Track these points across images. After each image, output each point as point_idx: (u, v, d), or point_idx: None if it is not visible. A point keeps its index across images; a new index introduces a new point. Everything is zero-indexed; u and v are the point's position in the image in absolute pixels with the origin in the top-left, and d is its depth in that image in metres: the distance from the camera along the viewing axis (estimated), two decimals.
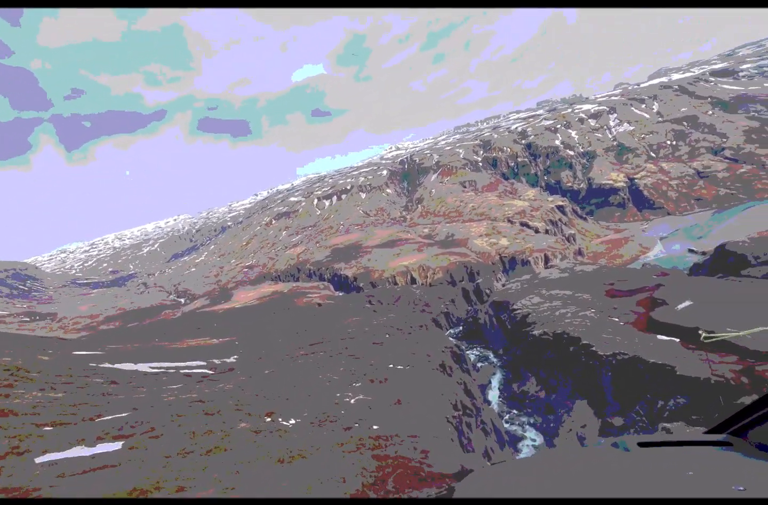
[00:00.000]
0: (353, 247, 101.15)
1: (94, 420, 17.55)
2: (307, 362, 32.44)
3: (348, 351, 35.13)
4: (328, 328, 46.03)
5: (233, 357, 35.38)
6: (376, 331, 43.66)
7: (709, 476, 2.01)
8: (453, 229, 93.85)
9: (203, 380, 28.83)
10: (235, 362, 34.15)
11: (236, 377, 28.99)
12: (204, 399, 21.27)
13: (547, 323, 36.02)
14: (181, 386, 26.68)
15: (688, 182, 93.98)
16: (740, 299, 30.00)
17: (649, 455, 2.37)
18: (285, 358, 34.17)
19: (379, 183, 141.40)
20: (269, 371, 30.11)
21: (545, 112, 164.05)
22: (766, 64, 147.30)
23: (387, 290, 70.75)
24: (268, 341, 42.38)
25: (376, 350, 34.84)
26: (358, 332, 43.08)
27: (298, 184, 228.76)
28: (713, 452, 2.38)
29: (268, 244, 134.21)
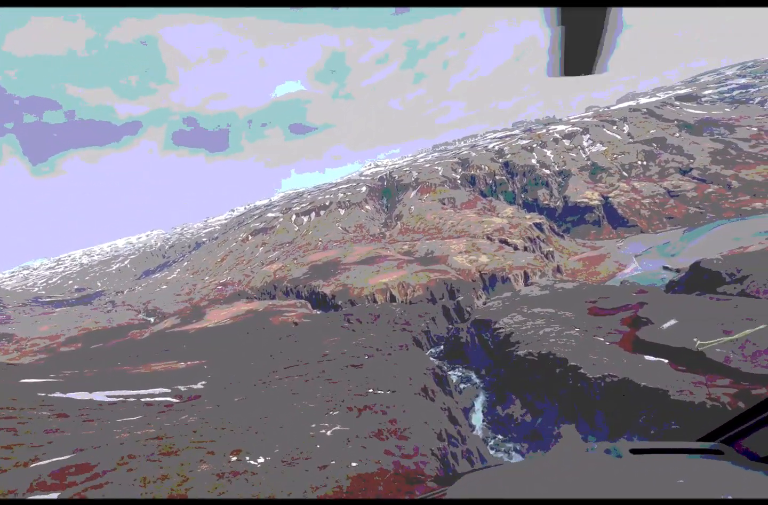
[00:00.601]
0: (332, 264, 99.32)
1: (29, 465, 15.26)
2: (281, 387, 30.34)
3: (325, 375, 33.18)
4: (304, 349, 43.89)
5: (201, 383, 32.91)
6: (354, 352, 41.78)
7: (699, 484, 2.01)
8: (432, 246, 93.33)
9: (165, 410, 26.40)
10: (202, 389, 31.72)
11: (202, 406, 26.69)
12: (162, 435, 19.09)
13: (531, 342, 35.00)
14: (139, 417, 24.27)
15: (659, 201, 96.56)
16: (722, 317, 29.78)
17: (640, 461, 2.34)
18: (257, 383, 31.94)
19: (358, 199, 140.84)
20: (239, 399, 27.91)
21: (521, 132, 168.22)
22: (725, 91, 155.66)
23: (366, 307, 68.99)
24: (239, 364, 39.95)
25: (355, 373, 33.01)
26: (336, 353, 41.12)
27: (276, 199, 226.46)
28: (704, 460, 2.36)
29: (243, 260, 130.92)
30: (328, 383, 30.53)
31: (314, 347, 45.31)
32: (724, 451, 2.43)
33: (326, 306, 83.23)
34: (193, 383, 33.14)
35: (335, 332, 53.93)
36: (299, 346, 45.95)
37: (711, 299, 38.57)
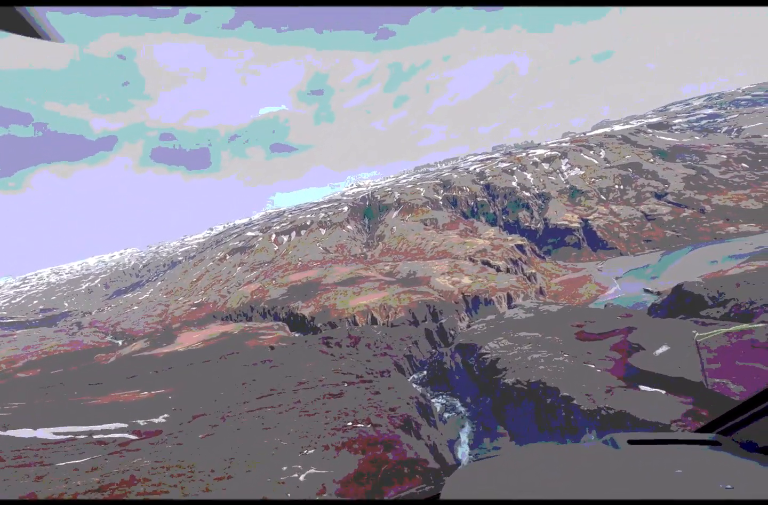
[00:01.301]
0: (311, 284, 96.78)
1: None
2: (252, 421, 27.77)
3: (301, 405, 30.74)
4: (279, 376, 41.19)
5: (163, 416, 29.98)
6: (333, 379, 39.38)
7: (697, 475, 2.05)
8: (415, 267, 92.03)
9: (119, 449, 23.55)
10: (164, 423, 28.83)
11: (162, 445, 23.93)
12: (106, 484, 16.52)
13: (519, 369, 33.39)
14: (86, 460, 21.43)
15: (637, 224, 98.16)
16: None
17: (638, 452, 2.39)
18: (226, 416, 29.25)
19: (340, 219, 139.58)
20: (204, 435, 25.24)
21: (501, 155, 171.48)
22: (694, 120, 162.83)
23: (346, 330, 66.49)
24: (209, 393, 37.01)
25: (333, 404, 30.67)
26: (314, 380, 38.64)
27: (256, 218, 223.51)
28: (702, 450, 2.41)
29: (220, 280, 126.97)
30: (303, 416, 28.14)
31: (291, 373, 42.66)
32: (721, 442, 2.44)
33: (305, 328, 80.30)
34: (155, 415, 30.18)
35: (313, 357, 51.30)
36: (275, 372, 43.21)
37: (698, 323, 37.95)
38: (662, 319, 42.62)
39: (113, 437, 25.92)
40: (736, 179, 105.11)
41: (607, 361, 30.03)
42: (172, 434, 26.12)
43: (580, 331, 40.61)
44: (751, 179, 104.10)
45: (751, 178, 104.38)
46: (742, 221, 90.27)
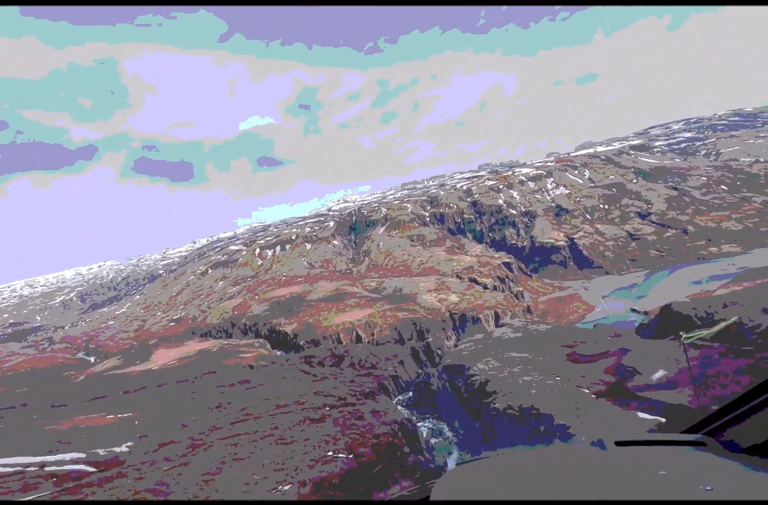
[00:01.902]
0: (295, 300, 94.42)
1: None
2: (223, 450, 25.55)
3: (278, 432, 28.59)
4: (256, 398, 38.82)
5: (126, 444, 27.48)
6: (314, 401, 37.23)
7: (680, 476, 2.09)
8: (401, 284, 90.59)
9: (71, 485, 21.15)
10: (126, 452, 26.37)
11: (120, 480, 21.59)
12: None
13: (510, 393, 31.85)
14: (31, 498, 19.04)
15: (621, 244, 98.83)
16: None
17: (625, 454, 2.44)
18: (195, 444, 26.94)
19: (326, 234, 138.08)
20: (169, 468, 22.96)
21: (487, 173, 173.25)
22: (674, 143, 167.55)
23: (330, 348, 64.24)
24: (179, 417, 34.46)
25: (313, 431, 28.62)
26: (293, 403, 36.43)
27: (241, 232, 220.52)
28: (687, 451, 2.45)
29: (201, 295, 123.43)
30: (280, 445, 26.04)
31: (269, 394, 40.32)
32: (707, 442, 2.46)
33: (287, 346, 77.68)
34: (118, 443, 27.66)
35: (294, 377, 48.98)
36: (252, 394, 40.81)
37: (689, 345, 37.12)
38: (654, 340, 41.68)
39: (67, 470, 23.44)
40: (717, 201, 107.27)
41: (602, 385, 28.75)
42: (133, 465, 23.75)
43: (571, 352, 39.44)
44: (731, 201, 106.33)
45: (731, 200, 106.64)
46: (724, 242, 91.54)
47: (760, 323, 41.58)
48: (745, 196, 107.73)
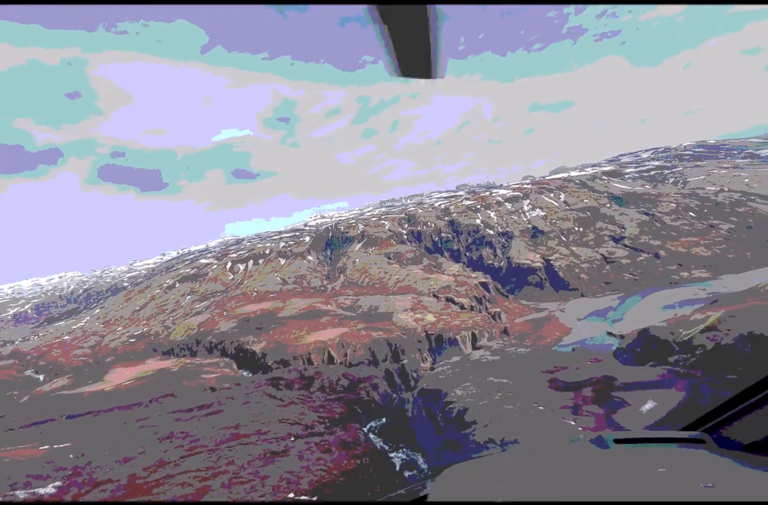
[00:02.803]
0: (265, 317, 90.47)
1: None
2: (168, 491, 22.24)
3: (234, 469, 25.42)
4: (214, 427, 35.28)
5: (53, 485, 23.73)
6: (278, 431, 34.02)
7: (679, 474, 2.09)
8: (377, 302, 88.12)
9: None
10: (52, 495, 22.66)
11: None
12: None
13: (490, 424, 29.69)
14: None
15: (596, 266, 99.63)
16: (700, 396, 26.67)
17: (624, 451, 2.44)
18: (136, 484, 23.49)
19: (301, 250, 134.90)
20: None
21: (465, 193, 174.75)
22: (644, 170, 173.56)
23: (299, 370, 60.77)
24: (124, 449, 30.66)
25: (274, 467, 25.58)
26: (255, 433, 33.14)
27: (213, 245, 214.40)
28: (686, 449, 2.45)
29: (166, 310, 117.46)
30: (236, 485, 22.92)
31: (229, 422, 36.80)
32: (705, 440, 2.48)
33: (254, 366, 73.51)
34: (44, 483, 23.87)
35: (258, 402, 45.42)
36: (210, 422, 37.20)
37: (672, 372, 36.06)
38: (637, 367, 40.49)
39: None
40: (686, 227, 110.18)
41: (588, 417, 26.95)
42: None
43: (553, 378, 37.74)
44: (699, 228, 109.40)
45: (699, 227, 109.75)
46: (694, 267, 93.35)
47: (741, 349, 41.12)
48: (712, 223, 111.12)
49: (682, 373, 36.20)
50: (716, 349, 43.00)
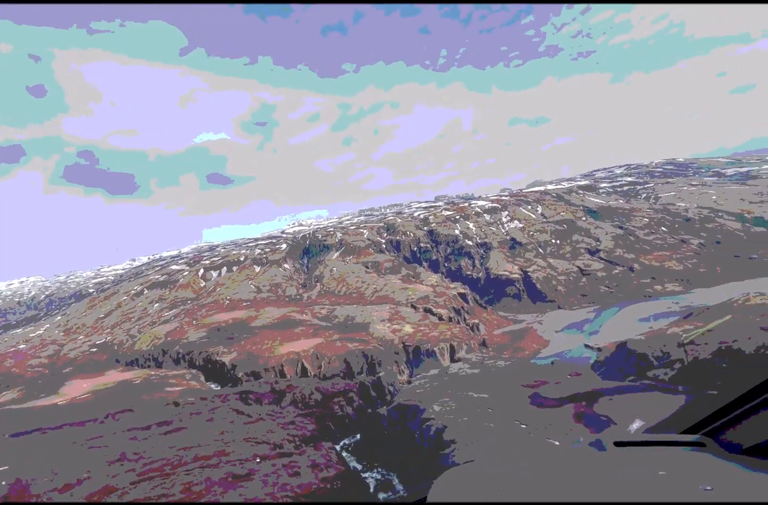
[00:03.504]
0: (237, 327, 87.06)
1: None
2: None
3: (190, 497, 22.90)
4: (173, 447, 32.44)
5: None
6: (243, 451, 31.49)
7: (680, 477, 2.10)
8: (353, 312, 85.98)
9: None
10: None
11: None
12: None
13: (471, 443, 28.03)
14: None
15: (573, 278, 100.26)
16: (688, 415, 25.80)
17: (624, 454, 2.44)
18: None
19: (277, 257, 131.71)
20: None
21: (444, 204, 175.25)
22: (617, 185, 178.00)
23: (270, 383, 57.93)
24: (68, 472, 27.61)
25: (237, 494, 23.20)
26: (217, 453, 30.53)
27: (186, 252, 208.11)
28: (686, 452, 2.44)
29: (132, 318, 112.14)
30: None
31: (191, 441, 33.97)
32: (706, 443, 2.46)
33: (223, 379, 70.07)
34: None
35: (224, 418, 42.56)
36: (169, 441, 34.29)
37: (648, 388, 35.38)
38: (620, 383, 39.68)
39: None
40: (659, 241, 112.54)
41: (574, 437, 25.63)
42: None
43: (534, 393, 36.49)
44: (671, 242, 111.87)
45: (671, 242, 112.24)
46: (667, 281, 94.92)
47: (720, 364, 40.91)
48: (683, 238, 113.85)
49: (663, 388, 35.53)
50: (694, 363, 42.77)
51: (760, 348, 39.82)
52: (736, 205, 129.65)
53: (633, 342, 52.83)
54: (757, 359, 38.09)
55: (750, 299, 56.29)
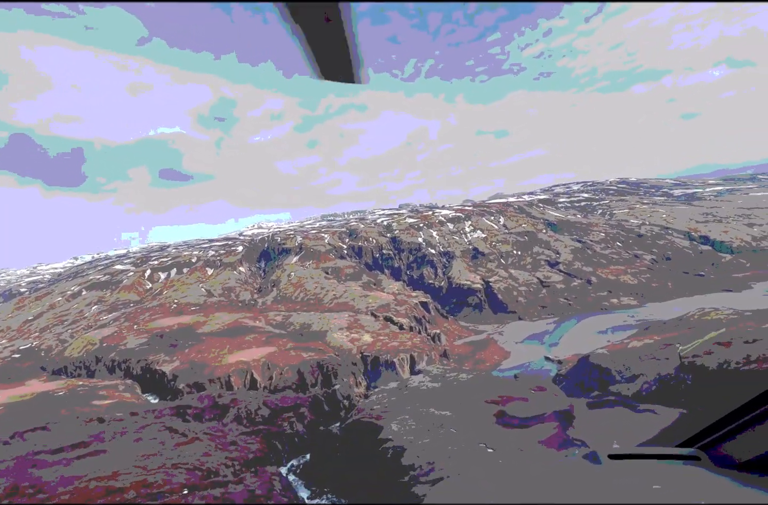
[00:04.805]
0: (183, 333, 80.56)
1: None
2: None
3: None
4: (84, 475, 27.35)
5: None
6: (169, 480, 26.94)
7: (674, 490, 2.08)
8: (310, 319, 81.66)
9: None
10: None
11: None
12: None
13: (432, 471, 24.95)
14: None
15: (533, 290, 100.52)
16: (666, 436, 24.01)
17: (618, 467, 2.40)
18: None
19: (232, 260, 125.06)
20: None
21: (408, 212, 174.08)
22: (575, 201, 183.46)
23: (214, 396, 52.71)
24: None
25: None
26: (136, 484, 25.85)
27: (135, 251, 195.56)
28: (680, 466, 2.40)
29: (65, 321, 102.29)
30: None
31: (108, 467, 28.94)
32: (700, 457, 2.44)
33: (162, 390, 63.81)
34: None
35: (155, 438, 37.41)
36: (81, 467, 29.10)
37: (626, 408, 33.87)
38: (588, 400, 38.01)
39: None
40: (614, 256, 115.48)
41: (550, 466, 23.21)
42: None
43: (499, 410, 34.05)
44: (625, 257, 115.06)
45: (626, 256, 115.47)
46: (623, 294, 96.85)
47: (683, 379, 40.18)
48: (636, 254, 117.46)
49: (630, 404, 34.12)
50: (658, 379, 42.00)
51: (722, 364, 39.40)
52: (684, 224, 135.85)
53: (595, 356, 51.94)
54: (722, 374, 37.53)
55: (706, 314, 57.11)
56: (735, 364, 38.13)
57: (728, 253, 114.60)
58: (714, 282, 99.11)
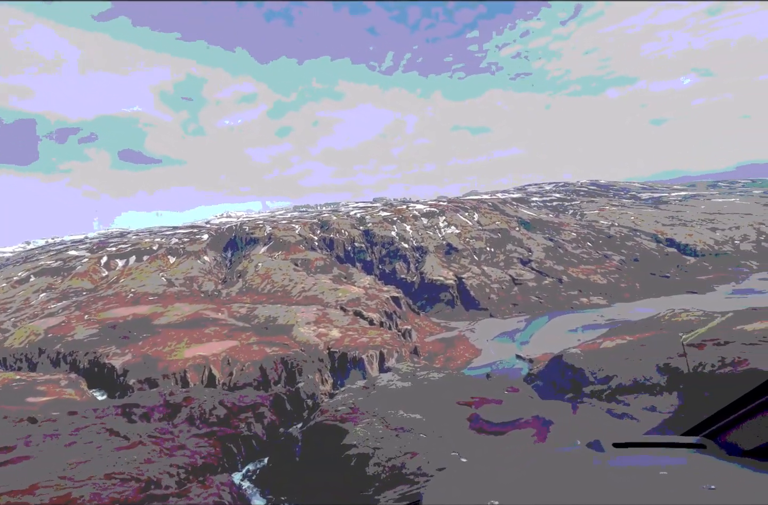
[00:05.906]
0: (137, 324, 75.45)
1: None
2: None
3: None
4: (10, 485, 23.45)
5: None
6: (102, 492, 23.40)
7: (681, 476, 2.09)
8: (276, 312, 77.98)
9: None
10: None
11: None
12: None
13: (401, 480, 22.51)
14: None
15: (506, 287, 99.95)
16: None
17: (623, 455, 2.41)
18: None
19: (196, 248, 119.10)
20: None
21: (382, 205, 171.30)
22: (547, 200, 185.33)
23: (166, 393, 48.67)
24: None
25: None
26: (57, 500, 22.21)
27: (93, 236, 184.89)
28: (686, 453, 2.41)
29: (7, 309, 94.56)
30: None
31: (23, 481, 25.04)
32: (706, 445, 2.43)
33: (110, 386, 59.20)
34: None
35: (92, 441, 33.42)
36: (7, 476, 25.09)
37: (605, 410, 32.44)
38: (565, 404, 36.47)
39: None
40: (585, 255, 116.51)
41: None
42: None
43: (473, 415, 31.96)
44: (595, 257, 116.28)
45: (596, 257, 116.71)
46: (592, 294, 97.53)
47: (658, 381, 39.28)
48: (606, 254, 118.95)
49: (620, 413, 32.74)
50: (633, 381, 41.02)
51: (697, 367, 38.65)
52: (652, 227, 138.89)
53: (569, 356, 50.71)
54: (696, 377, 36.71)
55: (677, 316, 57.10)
56: (710, 367, 37.36)
57: (692, 256, 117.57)
58: (679, 284, 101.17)
